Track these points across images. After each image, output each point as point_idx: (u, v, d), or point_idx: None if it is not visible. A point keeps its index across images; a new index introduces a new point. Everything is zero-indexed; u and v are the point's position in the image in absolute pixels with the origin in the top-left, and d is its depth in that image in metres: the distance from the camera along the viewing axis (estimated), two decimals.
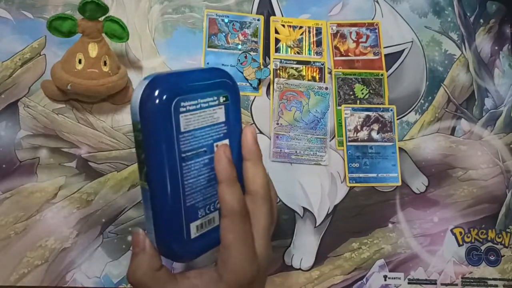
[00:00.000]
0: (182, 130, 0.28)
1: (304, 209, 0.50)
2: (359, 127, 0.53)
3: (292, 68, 0.54)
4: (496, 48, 0.59)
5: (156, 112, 0.27)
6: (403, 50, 0.57)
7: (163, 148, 0.28)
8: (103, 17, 0.45)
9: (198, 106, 0.29)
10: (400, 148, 0.53)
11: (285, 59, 0.54)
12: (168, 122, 0.28)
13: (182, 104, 0.28)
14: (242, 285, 0.29)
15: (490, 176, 0.55)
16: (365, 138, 0.53)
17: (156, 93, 0.27)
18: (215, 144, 0.31)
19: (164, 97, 0.27)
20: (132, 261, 0.30)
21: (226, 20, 0.55)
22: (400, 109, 0.55)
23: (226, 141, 0.31)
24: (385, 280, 0.50)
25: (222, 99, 0.31)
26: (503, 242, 0.53)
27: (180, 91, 0.28)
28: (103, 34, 0.45)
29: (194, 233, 0.30)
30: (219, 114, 0.31)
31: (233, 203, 0.29)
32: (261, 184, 0.31)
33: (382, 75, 0.55)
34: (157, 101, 0.27)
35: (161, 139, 0.28)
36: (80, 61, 0.44)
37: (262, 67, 0.52)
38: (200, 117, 0.30)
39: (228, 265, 0.29)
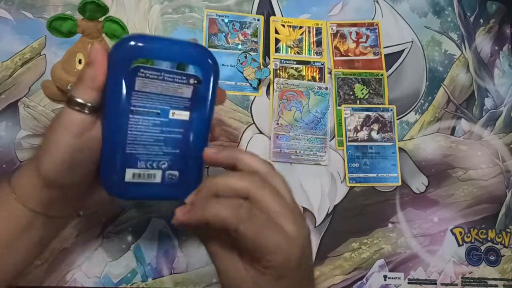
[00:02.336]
0: (136, 89, 0.31)
1: (304, 209, 0.50)
2: (359, 127, 0.53)
3: (292, 68, 0.54)
4: (496, 48, 0.59)
5: (114, 66, 0.30)
6: (403, 50, 0.57)
7: (113, 95, 0.31)
8: (103, 17, 0.45)
9: (161, 77, 0.31)
10: (400, 148, 0.54)
11: (285, 59, 0.54)
12: (121, 79, 0.30)
13: (142, 70, 0.30)
14: (288, 269, 0.28)
15: (490, 176, 0.55)
16: (365, 138, 0.53)
17: (118, 53, 0.30)
18: (171, 111, 0.33)
19: (123, 59, 0.30)
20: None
21: (226, 20, 0.55)
22: (400, 109, 0.55)
23: (186, 113, 0.33)
24: (385, 280, 0.50)
25: (192, 81, 0.32)
26: (503, 242, 0.53)
27: (144, 59, 0.31)
28: (103, 34, 0.45)
29: (128, 178, 0.32)
30: (185, 91, 0.32)
31: (232, 220, 0.28)
32: (254, 164, 0.31)
33: (382, 75, 0.55)
34: (116, 60, 0.30)
35: (113, 88, 0.30)
36: (80, 61, 0.44)
37: (262, 67, 0.52)
38: (160, 86, 0.31)
39: (264, 259, 0.28)
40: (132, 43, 0.30)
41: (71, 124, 0.30)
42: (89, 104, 0.30)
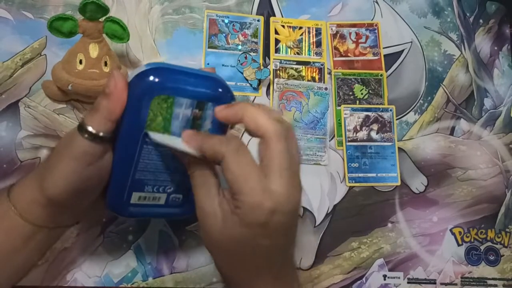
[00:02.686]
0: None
1: (304, 208, 0.50)
2: (358, 127, 0.54)
3: (292, 68, 0.54)
4: (496, 48, 0.60)
5: (133, 101, 0.30)
6: (403, 50, 0.57)
7: (130, 129, 0.31)
8: (103, 18, 0.45)
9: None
10: (400, 148, 0.54)
11: (285, 60, 0.55)
12: (140, 115, 0.31)
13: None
14: (255, 219, 0.28)
15: (490, 176, 0.55)
16: (365, 138, 0.53)
17: (139, 89, 0.30)
18: None
19: (143, 96, 0.30)
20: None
21: (226, 21, 0.55)
22: (400, 109, 0.55)
23: None
24: (385, 279, 0.50)
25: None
26: (502, 242, 0.53)
27: (166, 95, 0.31)
28: (104, 35, 0.46)
29: (134, 200, 0.34)
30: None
31: (220, 149, 0.29)
32: (263, 124, 0.30)
33: (381, 75, 0.56)
34: (136, 95, 0.30)
35: (131, 122, 0.31)
36: (80, 62, 0.44)
37: (262, 67, 0.52)
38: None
39: (237, 199, 0.29)
40: (152, 78, 0.30)
41: (81, 154, 0.29)
42: (102, 134, 0.29)
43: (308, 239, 0.50)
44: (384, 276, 0.50)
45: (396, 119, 0.55)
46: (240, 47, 0.54)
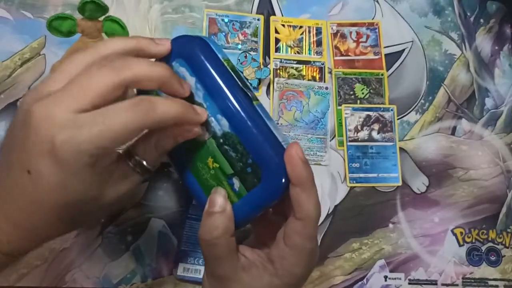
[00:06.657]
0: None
1: None
2: (359, 127, 0.53)
3: (292, 67, 0.54)
4: (497, 47, 0.59)
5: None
6: (403, 50, 0.57)
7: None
8: (103, 17, 0.45)
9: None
10: (401, 148, 0.53)
11: (285, 59, 0.54)
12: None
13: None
14: (293, 284, 0.29)
15: (491, 176, 0.55)
16: (366, 138, 0.53)
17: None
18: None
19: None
20: (208, 220, 0.28)
21: (226, 20, 0.55)
22: (401, 109, 0.55)
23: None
24: (386, 280, 0.49)
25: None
26: (503, 242, 0.52)
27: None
28: (103, 34, 0.45)
29: None
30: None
31: (309, 208, 0.28)
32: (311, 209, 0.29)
33: (382, 75, 0.55)
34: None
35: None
36: None
37: (262, 66, 0.52)
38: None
39: (286, 264, 0.28)
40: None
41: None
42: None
43: None
44: (385, 277, 0.49)
45: (397, 119, 0.54)
46: (240, 46, 0.54)
